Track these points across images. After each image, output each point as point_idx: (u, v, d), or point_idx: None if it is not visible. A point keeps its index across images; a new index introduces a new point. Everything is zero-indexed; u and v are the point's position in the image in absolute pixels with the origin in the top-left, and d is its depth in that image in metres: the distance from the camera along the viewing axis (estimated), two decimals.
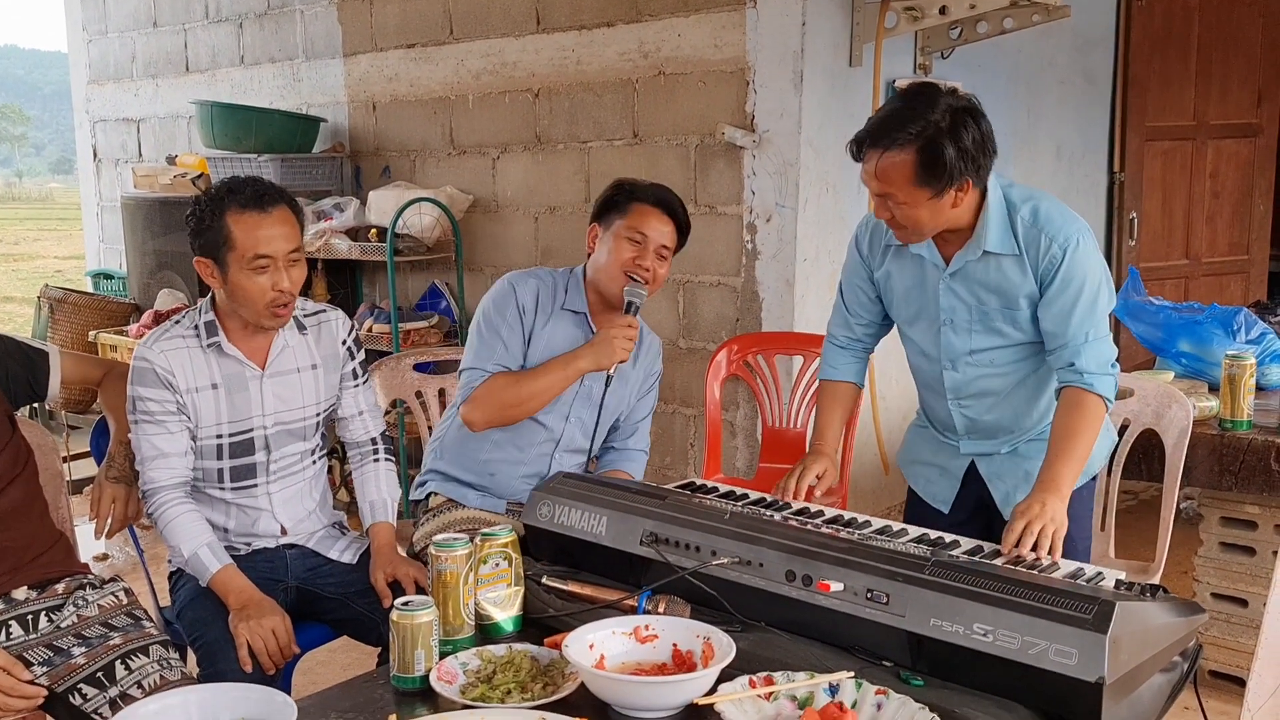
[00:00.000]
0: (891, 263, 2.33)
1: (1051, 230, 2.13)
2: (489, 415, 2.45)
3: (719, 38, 3.90)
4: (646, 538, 1.87)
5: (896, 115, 2.04)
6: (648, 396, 2.68)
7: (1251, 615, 3.05)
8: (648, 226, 2.46)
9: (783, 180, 3.81)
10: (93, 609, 2.19)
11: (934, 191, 2.04)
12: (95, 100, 6.57)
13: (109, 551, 4.41)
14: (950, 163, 2.01)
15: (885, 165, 2.04)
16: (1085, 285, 2.13)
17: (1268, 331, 3.39)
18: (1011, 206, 2.16)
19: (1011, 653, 1.47)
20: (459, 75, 4.70)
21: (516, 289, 2.52)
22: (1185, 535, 3.24)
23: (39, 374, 2.37)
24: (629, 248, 2.45)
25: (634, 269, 2.45)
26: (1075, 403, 2.13)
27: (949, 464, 2.40)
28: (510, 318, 2.49)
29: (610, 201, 2.52)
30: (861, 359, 2.48)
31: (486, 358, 2.48)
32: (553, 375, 2.44)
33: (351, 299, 5.08)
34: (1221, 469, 2.97)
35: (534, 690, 1.57)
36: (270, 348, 2.35)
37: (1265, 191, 5.42)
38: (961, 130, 2.02)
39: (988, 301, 2.21)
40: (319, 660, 3.00)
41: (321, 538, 2.48)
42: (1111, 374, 2.16)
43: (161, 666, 2.09)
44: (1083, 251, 2.13)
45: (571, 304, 2.54)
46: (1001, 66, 4.50)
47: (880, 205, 2.13)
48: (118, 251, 6.35)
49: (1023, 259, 2.15)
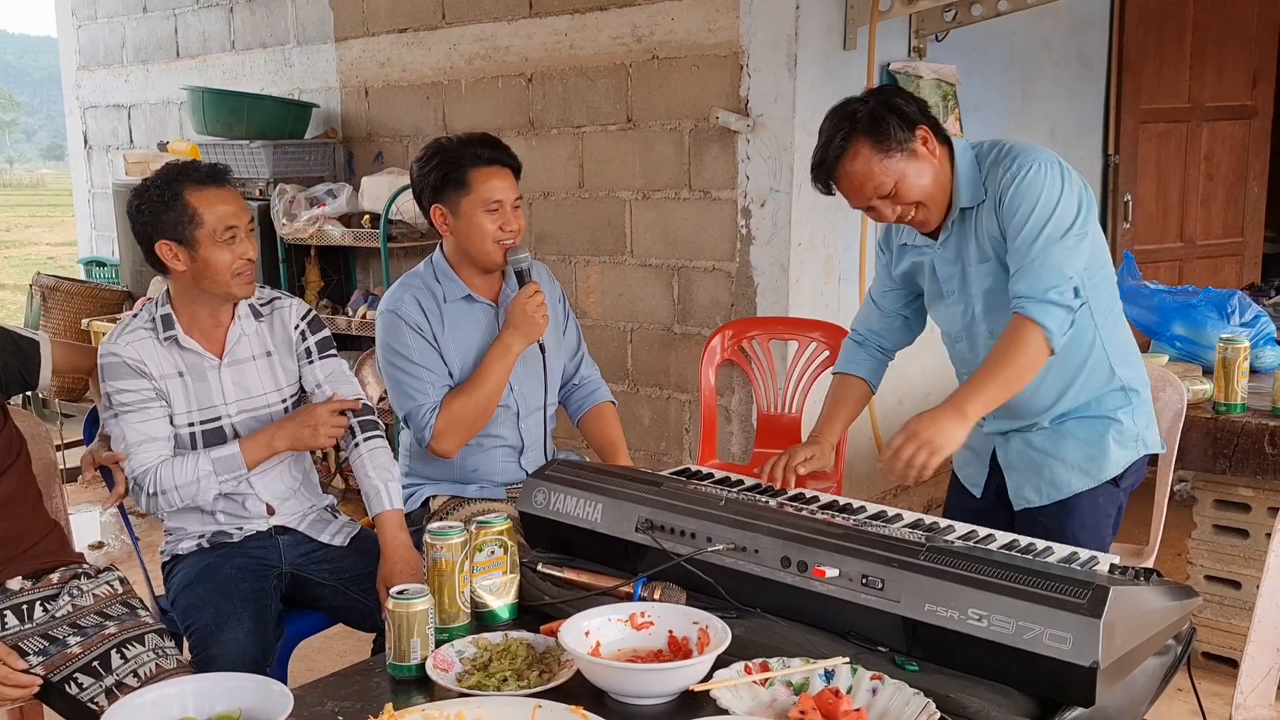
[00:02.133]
0: (906, 259, 2.34)
1: (1007, 161, 2.12)
2: (460, 439, 2.46)
3: (712, 21, 3.88)
4: (642, 524, 1.87)
5: (827, 134, 2.10)
6: (569, 324, 2.71)
7: (1244, 597, 3.07)
8: (496, 190, 2.44)
9: (777, 164, 3.80)
10: (87, 598, 2.19)
11: (900, 149, 2.06)
12: (85, 86, 6.53)
13: (104, 540, 4.40)
14: (891, 118, 2.05)
15: (852, 168, 2.08)
16: (1035, 208, 2.05)
17: (1261, 314, 3.39)
18: (981, 158, 2.17)
19: (1006, 638, 1.48)
20: (451, 60, 4.67)
21: (399, 313, 2.48)
22: (1178, 518, 3.25)
23: (30, 363, 2.36)
24: (489, 219, 2.45)
25: (503, 236, 2.46)
26: (1011, 328, 2.04)
27: (979, 445, 2.38)
28: (414, 342, 2.46)
29: (444, 179, 2.45)
30: (877, 357, 2.44)
31: (422, 391, 2.45)
32: (495, 371, 2.45)
33: (345, 285, 5.07)
34: (1215, 452, 2.98)
35: (530, 678, 1.57)
36: (227, 337, 2.36)
37: (1259, 174, 5.42)
38: (881, 96, 2.09)
39: (971, 260, 2.19)
40: (315, 648, 3.00)
41: (313, 521, 2.47)
42: (1053, 302, 2.00)
43: (157, 655, 2.09)
44: (1034, 175, 2.07)
45: (451, 293, 2.52)
46: (996, 49, 4.49)
47: (880, 207, 2.12)
48: (110, 239, 6.33)
49: (986, 204, 2.14)
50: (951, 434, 1.96)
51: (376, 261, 4.90)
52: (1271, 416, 2.96)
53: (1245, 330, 3.27)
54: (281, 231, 4.74)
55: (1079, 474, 2.25)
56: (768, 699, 1.51)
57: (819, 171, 2.13)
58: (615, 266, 4.27)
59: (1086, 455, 2.23)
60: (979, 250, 2.17)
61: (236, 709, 1.48)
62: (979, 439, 2.36)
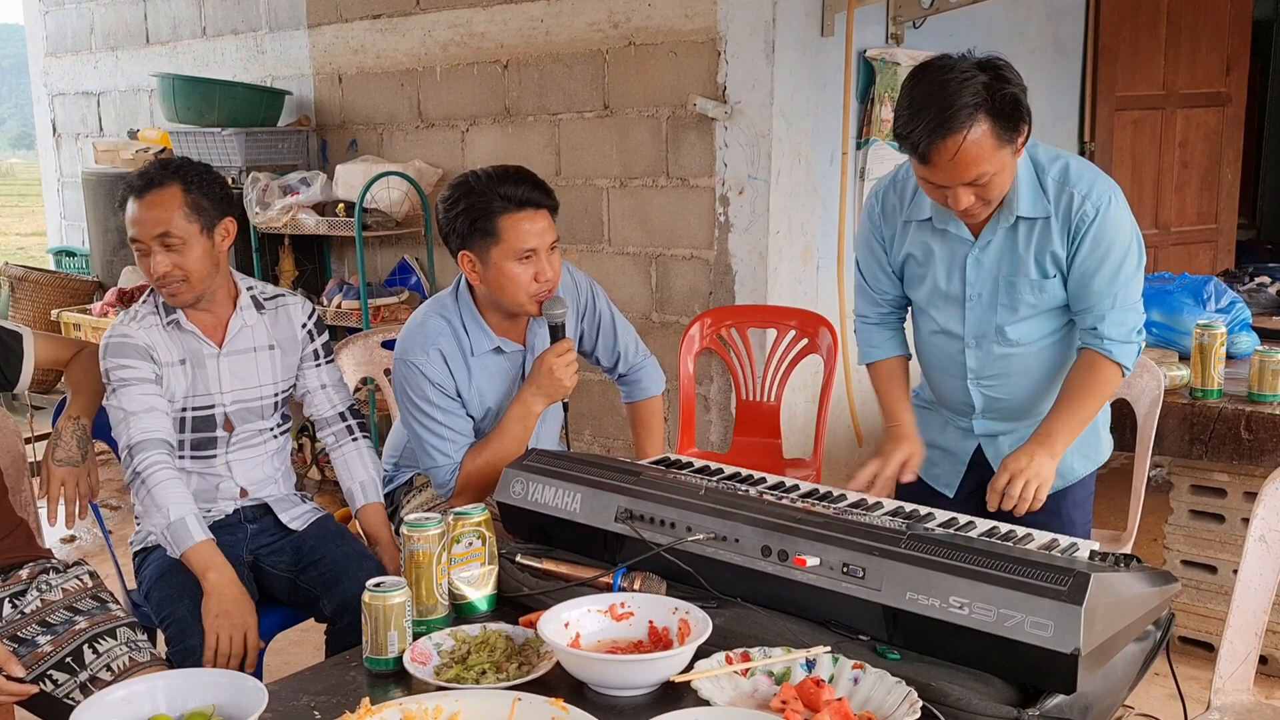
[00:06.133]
0: (913, 241, 2.22)
1: (1083, 188, 2.06)
2: (478, 497, 2.31)
3: (690, 7, 3.86)
4: (621, 514, 1.85)
5: (942, 95, 1.90)
6: (614, 329, 2.54)
7: (1221, 582, 3.09)
8: (528, 238, 2.22)
9: (755, 152, 3.79)
10: (56, 593, 2.15)
11: (1014, 145, 1.97)
12: (53, 73, 6.43)
13: (75, 534, 4.35)
14: (1021, 104, 1.93)
15: (969, 146, 1.90)
16: (1114, 247, 2.06)
17: (1237, 300, 3.41)
18: (1039, 167, 2.09)
19: (987, 625, 1.47)
20: (426, 46, 4.63)
21: (423, 370, 2.30)
22: (1155, 503, 3.27)
23: (11, 357, 2.32)
24: (522, 269, 2.23)
25: (538, 288, 2.25)
26: (1089, 365, 2.09)
27: (955, 446, 2.33)
28: (436, 399, 2.31)
29: (471, 227, 2.23)
30: (897, 330, 2.38)
31: (443, 452, 2.33)
32: (515, 430, 2.30)
33: (319, 275, 5.02)
34: (1192, 437, 2.99)
35: (509, 670, 1.55)
36: (228, 327, 2.37)
37: (1233, 160, 5.45)
38: (1004, 73, 1.95)
39: (1017, 272, 2.12)
40: (291, 640, 2.97)
41: (279, 499, 2.47)
42: (1134, 341, 2.11)
43: (130, 648, 2.06)
44: (1114, 211, 2.05)
45: (480, 346, 2.34)
46: (972, 36, 4.43)
47: (961, 194, 1.97)
48: (80, 228, 6.25)
49: (1052, 221, 2.08)
50: (1049, 467, 2.01)
51: (351, 250, 4.85)
52: (1247, 402, 2.97)
53: (1221, 316, 3.29)
54: (255, 220, 4.68)
55: (1080, 459, 2.28)
56: (749, 689, 1.50)
57: (931, 136, 1.90)
58: (593, 255, 4.24)
59: (1084, 441, 2.24)
60: (1037, 267, 2.11)
61: (210, 705, 1.45)
62: (956, 439, 2.34)
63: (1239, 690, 1.96)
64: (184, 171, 2.27)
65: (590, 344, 2.55)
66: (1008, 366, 2.22)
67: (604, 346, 2.56)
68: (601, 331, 2.54)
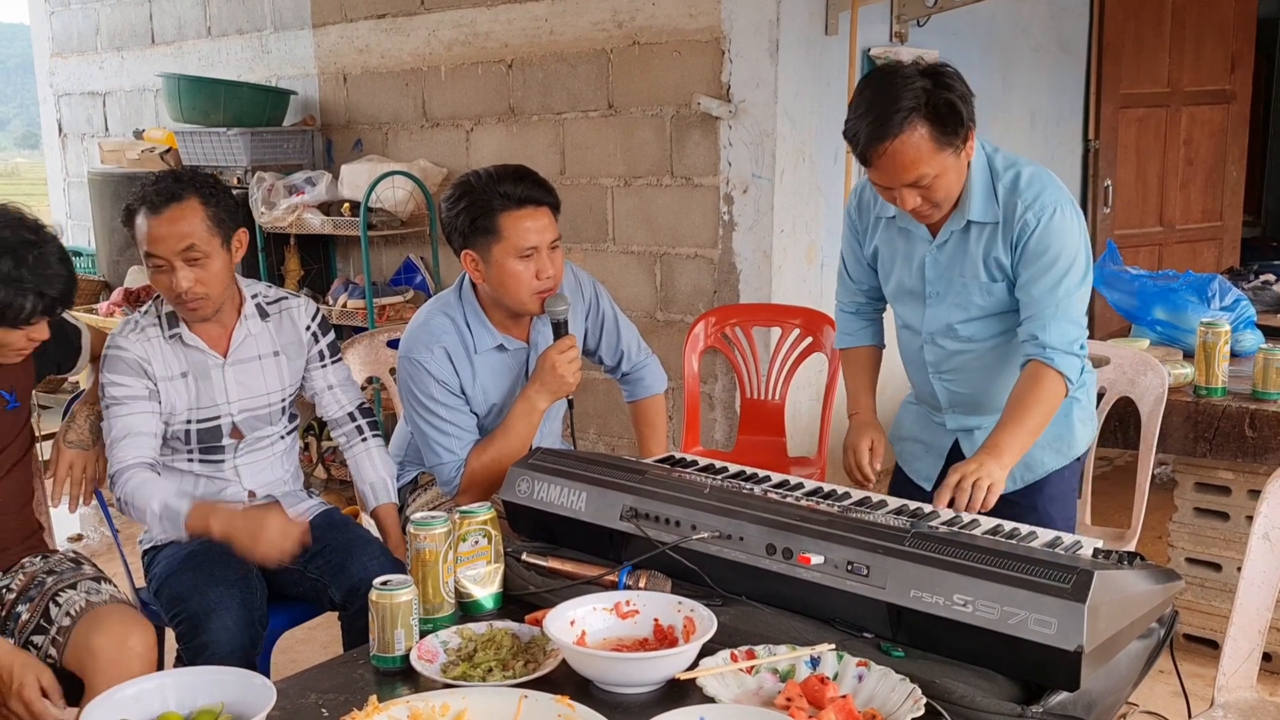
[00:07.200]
0: (881, 237, 2.29)
1: (1029, 197, 2.09)
2: (483, 495, 2.30)
3: (694, 6, 3.86)
4: (626, 513, 1.86)
5: (882, 99, 1.97)
6: (618, 328, 2.56)
7: (1225, 580, 3.09)
8: (529, 235, 2.24)
9: (759, 150, 3.79)
10: (39, 562, 2.17)
11: (954, 147, 2.01)
12: (59, 73, 6.45)
13: (84, 532, 4.37)
14: (959, 108, 1.97)
15: (905, 147, 1.97)
16: (1059, 258, 2.08)
17: (1241, 298, 3.41)
18: (995, 174, 2.13)
19: (991, 623, 1.48)
20: (431, 46, 4.63)
21: (428, 368, 2.31)
22: (1159, 500, 3.27)
23: (70, 352, 2.33)
24: (524, 266, 2.25)
25: (540, 285, 2.28)
26: (1033, 376, 2.09)
27: (934, 440, 2.38)
28: (442, 396, 2.32)
29: (472, 225, 2.26)
30: (874, 320, 2.45)
31: (448, 449, 2.34)
32: (519, 427, 2.31)
33: (325, 274, 5.03)
34: (1196, 435, 3.00)
35: (515, 668, 1.56)
36: (232, 336, 2.36)
37: (1238, 158, 5.45)
38: (945, 79, 1.99)
39: (969, 273, 2.18)
40: (298, 639, 2.99)
41: (285, 494, 2.47)
42: (1077, 355, 2.10)
43: (87, 594, 2.08)
44: (1058, 222, 2.08)
45: (483, 344, 2.35)
46: (976, 34, 4.48)
47: (906, 195, 2.04)
48: (86, 228, 6.26)
49: (1000, 227, 2.12)
50: (997, 474, 2.00)
51: (357, 250, 4.86)
52: (1252, 400, 2.98)
53: (1225, 314, 3.28)
54: (260, 220, 4.69)
55: (1050, 453, 2.29)
56: (754, 686, 1.51)
57: (869, 139, 1.98)
58: (597, 254, 4.25)
59: (1054, 435, 2.25)
60: (985, 270, 2.16)
61: (218, 703, 1.47)
62: (935, 434, 2.38)
63: (1242, 687, 1.97)
64: (199, 184, 2.25)
65: (594, 343, 2.57)
66: (963, 362, 2.27)
67: (607, 346, 2.58)
68: (605, 331, 2.56)
